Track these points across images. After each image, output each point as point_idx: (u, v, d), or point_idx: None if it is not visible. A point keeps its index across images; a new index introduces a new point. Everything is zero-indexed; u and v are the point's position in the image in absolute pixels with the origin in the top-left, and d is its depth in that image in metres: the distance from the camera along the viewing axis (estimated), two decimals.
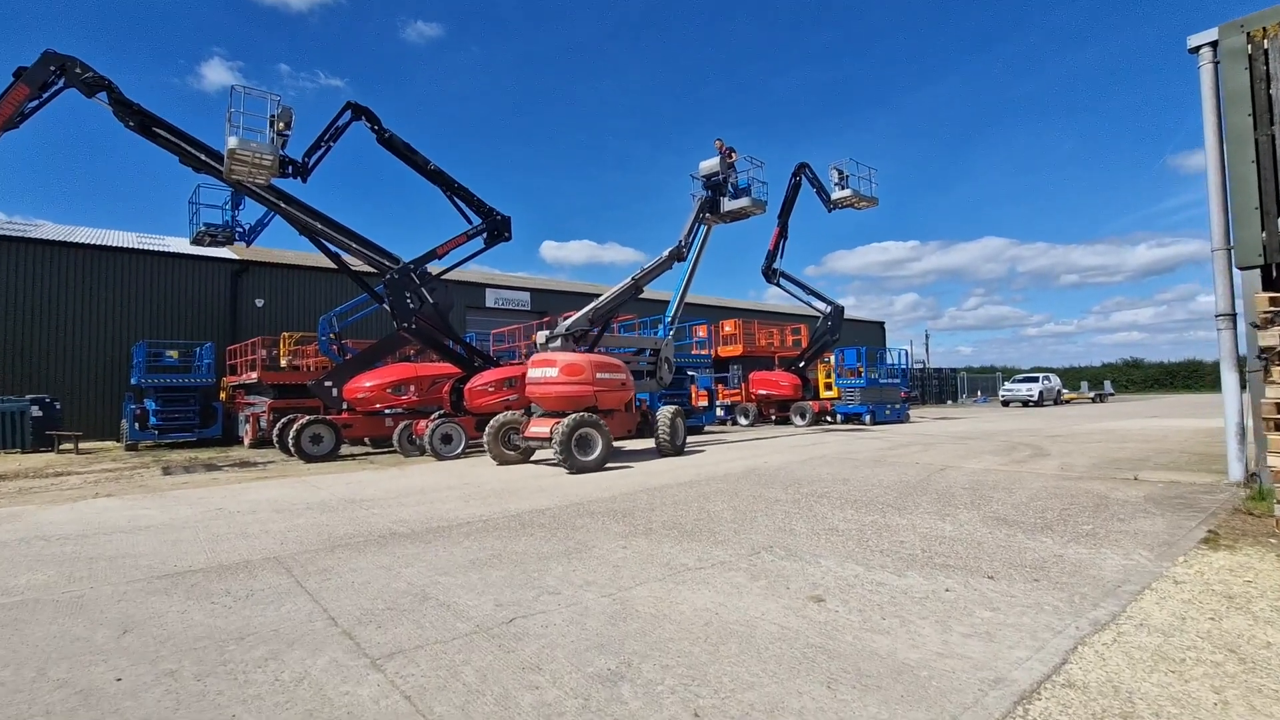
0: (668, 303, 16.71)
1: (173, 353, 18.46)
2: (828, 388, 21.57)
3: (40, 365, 18.82)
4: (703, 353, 22.01)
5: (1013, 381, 38.04)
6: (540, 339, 12.06)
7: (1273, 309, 5.14)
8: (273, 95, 10.98)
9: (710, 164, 15.05)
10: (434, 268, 13.62)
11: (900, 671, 2.76)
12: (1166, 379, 61.61)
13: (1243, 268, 6.01)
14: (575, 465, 9.67)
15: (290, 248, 26.55)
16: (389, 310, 12.84)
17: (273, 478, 10.21)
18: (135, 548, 5.52)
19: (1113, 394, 45.96)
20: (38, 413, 16.31)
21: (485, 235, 13.77)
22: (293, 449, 12.52)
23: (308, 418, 12.88)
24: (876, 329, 47.15)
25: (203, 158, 11.35)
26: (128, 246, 21.20)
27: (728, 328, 24.64)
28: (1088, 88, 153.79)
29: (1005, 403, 36.42)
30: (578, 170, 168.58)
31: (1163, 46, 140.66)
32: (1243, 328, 6.43)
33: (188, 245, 19.42)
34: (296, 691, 2.71)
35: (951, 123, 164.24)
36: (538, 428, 10.70)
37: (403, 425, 13.27)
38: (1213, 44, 6.84)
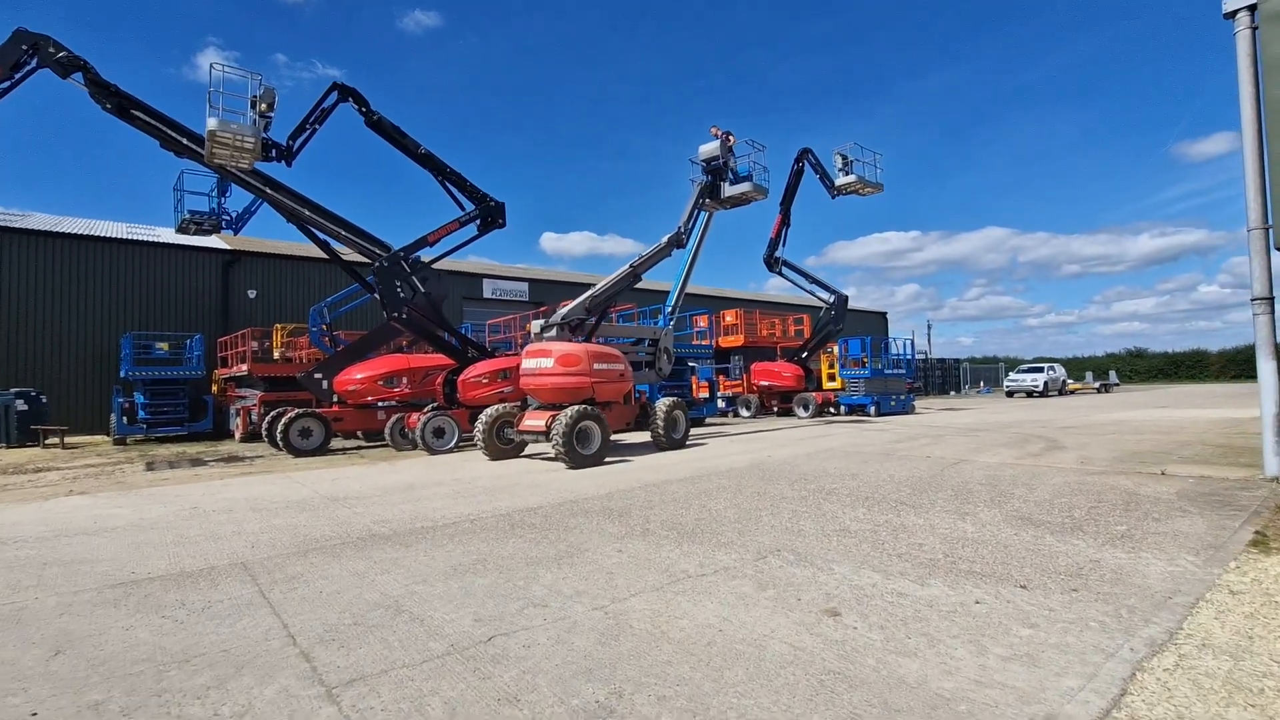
0: (666, 294, 16.29)
1: (162, 345, 18.04)
2: (831, 378, 21.16)
3: (26, 358, 18.40)
4: (703, 343, 21.58)
5: (1017, 372, 37.55)
6: (535, 328, 11.62)
7: None
8: (254, 75, 10.53)
9: (710, 148, 14.58)
10: (426, 256, 13.18)
11: (935, 705, 2.38)
12: (1171, 369, 61.00)
13: None
14: (575, 460, 9.28)
15: (283, 238, 26.05)
16: (379, 300, 12.42)
17: (257, 473, 9.83)
18: (95, 551, 5.14)
19: (1118, 384, 45.48)
20: (23, 406, 15.94)
21: (479, 222, 13.30)
22: (281, 443, 12.15)
23: (296, 411, 12.49)
24: (879, 319, 46.68)
25: (184, 141, 10.90)
26: (117, 237, 20.72)
27: (729, 318, 24.18)
28: (1090, 75, 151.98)
29: (1009, 393, 36.00)
30: (577, 161, 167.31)
31: (1167, 32, 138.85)
32: None
33: (178, 236, 19.06)
34: None
35: (952, 112, 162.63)
36: (532, 421, 10.30)
37: (395, 419, 12.88)
38: (1250, 8, 6.39)
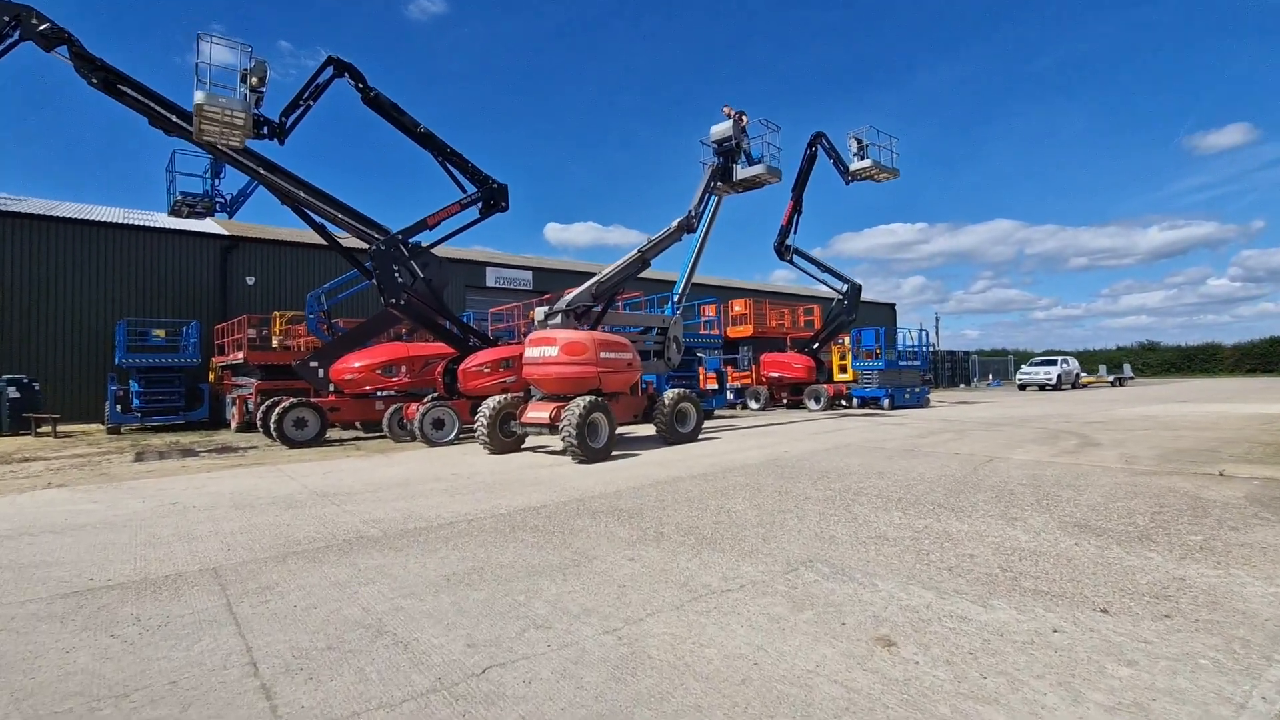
0: (672, 282, 15.74)
1: (158, 332, 17.62)
2: (843, 370, 20.59)
3: (20, 344, 17.97)
4: (712, 333, 21.06)
5: (1030, 364, 36.80)
6: (539, 315, 11.10)
7: None
8: (244, 46, 9.99)
9: (722, 128, 13.96)
10: (427, 241, 12.66)
11: None
12: (1183, 362, 60.08)
13: None
14: (588, 454, 8.79)
15: (283, 224, 25.58)
16: (376, 285, 11.91)
17: (247, 465, 9.39)
18: (56, 553, 4.69)
19: (1132, 378, 44.65)
20: (15, 394, 15.54)
21: (480, 205, 12.75)
22: (275, 434, 11.71)
23: (291, 400, 12.04)
24: (887, 310, 45.98)
25: (173, 119, 10.39)
26: (113, 221, 20.26)
27: (737, 307, 23.59)
28: (1101, 66, 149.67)
29: (1021, 386, 35.30)
30: (583, 151, 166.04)
31: (1178, 22, 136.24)
32: None
33: (177, 221, 18.62)
34: None
35: (961, 102, 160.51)
36: (536, 412, 9.81)
37: (393, 409, 12.42)
38: None
